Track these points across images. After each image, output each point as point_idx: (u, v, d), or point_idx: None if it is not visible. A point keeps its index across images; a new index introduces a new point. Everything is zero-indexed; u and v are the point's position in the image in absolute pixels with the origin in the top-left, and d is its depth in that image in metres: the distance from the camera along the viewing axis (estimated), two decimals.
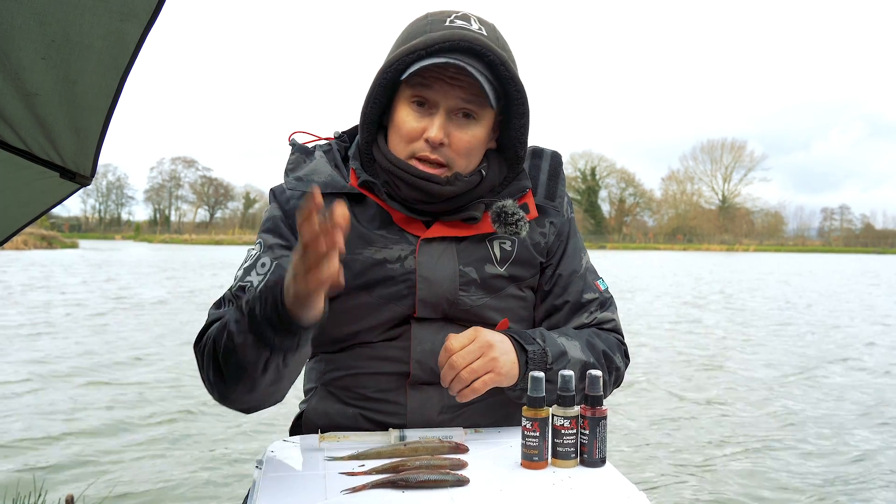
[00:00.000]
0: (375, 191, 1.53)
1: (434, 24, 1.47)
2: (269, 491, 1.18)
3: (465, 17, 1.49)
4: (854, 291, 22.99)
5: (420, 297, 1.50)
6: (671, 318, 14.49)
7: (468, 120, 1.49)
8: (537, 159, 1.67)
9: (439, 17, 1.49)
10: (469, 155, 1.51)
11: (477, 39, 1.43)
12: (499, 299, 1.53)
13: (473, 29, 1.46)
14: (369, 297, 1.50)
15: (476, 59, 1.44)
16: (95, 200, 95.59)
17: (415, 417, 1.50)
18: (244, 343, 1.24)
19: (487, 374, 1.37)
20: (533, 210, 1.59)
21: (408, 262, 1.50)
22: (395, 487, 1.18)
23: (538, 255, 1.60)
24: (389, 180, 1.51)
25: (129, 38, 1.64)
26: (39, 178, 2.21)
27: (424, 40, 1.43)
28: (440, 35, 1.43)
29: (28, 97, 1.84)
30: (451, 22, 1.47)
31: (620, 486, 1.21)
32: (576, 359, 1.49)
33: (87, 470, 4.92)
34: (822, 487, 4.80)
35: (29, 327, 11.64)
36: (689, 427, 6.31)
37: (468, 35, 1.43)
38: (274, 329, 1.21)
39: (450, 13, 1.50)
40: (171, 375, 8.00)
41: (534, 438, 1.28)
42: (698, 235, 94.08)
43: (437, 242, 1.53)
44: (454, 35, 1.43)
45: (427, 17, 1.52)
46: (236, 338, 1.25)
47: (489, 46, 1.44)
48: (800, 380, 8.51)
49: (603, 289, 1.67)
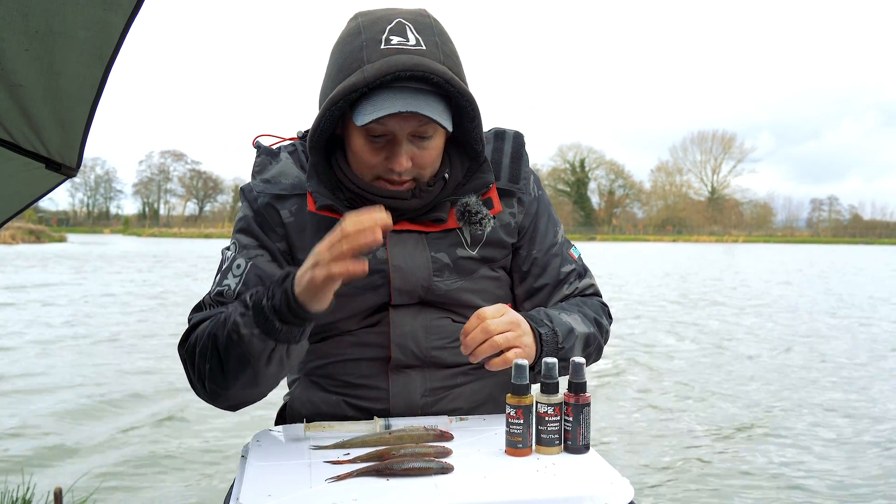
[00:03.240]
0: (336, 210, 1.50)
1: (369, 49, 1.39)
2: (254, 479, 1.19)
3: (401, 30, 1.41)
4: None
5: (395, 286, 1.51)
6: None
7: (425, 140, 1.46)
8: (500, 142, 1.66)
9: (372, 36, 1.40)
10: (433, 165, 1.51)
11: (417, 66, 1.36)
12: (473, 281, 1.56)
13: (410, 46, 1.39)
14: (346, 288, 1.48)
15: (421, 82, 1.39)
16: (84, 194, 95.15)
17: (398, 401, 1.52)
18: (250, 335, 1.29)
19: (516, 348, 1.38)
20: (497, 205, 1.59)
21: (379, 253, 1.52)
22: (380, 475, 1.18)
23: (508, 237, 1.61)
24: (354, 198, 1.51)
25: (113, 28, 1.64)
26: (25, 169, 2.20)
27: (363, 76, 1.36)
28: (378, 67, 1.36)
29: (12, 88, 1.84)
30: (386, 42, 1.39)
31: (604, 473, 1.22)
32: (581, 332, 1.53)
33: (76, 464, 4.91)
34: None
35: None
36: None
37: (407, 62, 1.36)
38: (282, 319, 1.28)
39: (382, 25, 1.42)
40: (160, 366, 7.99)
41: (518, 426, 1.29)
42: (688, 227, 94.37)
43: (407, 233, 1.54)
44: (393, 65, 1.35)
45: (360, 33, 1.42)
46: (242, 329, 1.30)
47: (430, 68, 1.37)
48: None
49: (577, 256, 1.71)
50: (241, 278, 1.50)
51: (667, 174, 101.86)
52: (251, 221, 1.57)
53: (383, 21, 1.43)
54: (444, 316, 1.56)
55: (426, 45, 1.41)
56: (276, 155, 1.62)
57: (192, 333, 1.44)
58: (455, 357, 1.56)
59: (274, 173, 1.59)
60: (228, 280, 1.51)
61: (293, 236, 1.55)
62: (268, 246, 1.55)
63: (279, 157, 1.62)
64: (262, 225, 1.56)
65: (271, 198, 1.56)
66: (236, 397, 1.42)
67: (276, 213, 1.56)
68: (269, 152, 1.63)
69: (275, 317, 1.28)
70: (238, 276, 1.51)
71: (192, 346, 1.42)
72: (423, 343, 1.53)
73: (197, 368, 1.40)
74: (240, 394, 1.40)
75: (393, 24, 1.42)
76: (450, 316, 1.57)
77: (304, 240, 1.54)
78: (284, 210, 1.55)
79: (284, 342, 1.31)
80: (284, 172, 1.59)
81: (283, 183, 1.57)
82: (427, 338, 1.54)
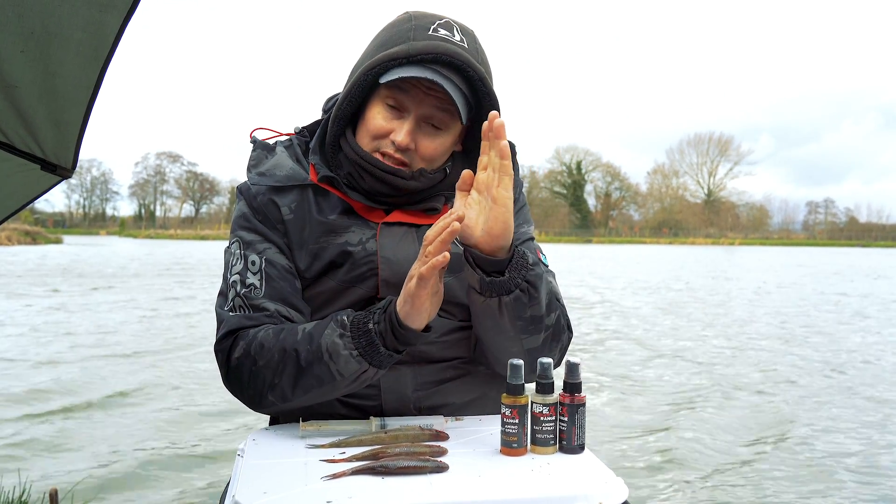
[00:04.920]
0: (335, 184, 1.57)
1: (417, 32, 1.48)
2: (250, 478, 1.19)
3: (448, 26, 1.51)
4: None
5: (382, 278, 1.52)
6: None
7: (436, 130, 1.53)
8: None
9: (422, 24, 1.50)
10: (433, 161, 1.56)
11: (458, 54, 1.46)
12: (461, 278, 1.55)
13: (455, 40, 1.48)
14: (332, 282, 1.54)
15: (455, 73, 1.48)
16: (80, 196, 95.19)
17: (389, 397, 1.52)
18: (349, 356, 1.37)
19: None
20: None
21: (369, 244, 1.53)
22: (376, 474, 1.19)
23: None
24: (354, 172, 1.55)
25: (108, 29, 1.64)
26: (20, 170, 2.20)
27: (407, 49, 1.45)
28: (423, 46, 1.45)
29: (7, 89, 1.84)
30: (434, 31, 1.49)
31: (598, 472, 1.23)
32: (544, 277, 1.50)
33: (72, 465, 4.90)
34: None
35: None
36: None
37: (450, 49, 1.46)
38: (385, 344, 1.37)
39: (433, 19, 1.51)
40: (158, 365, 7.98)
41: (513, 425, 1.29)
42: (684, 229, 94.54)
43: (398, 226, 1.57)
44: (437, 48, 1.45)
45: (411, 20, 1.52)
46: (342, 350, 1.37)
47: (469, 62, 1.47)
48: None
49: (545, 261, 1.68)
50: (261, 274, 1.53)
51: (663, 176, 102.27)
52: (250, 217, 1.59)
53: (434, 17, 1.52)
54: None
55: (469, 46, 1.51)
56: (272, 149, 1.65)
57: (239, 339, 1.47)
58: (444, 352, 1.56)
59: (269, 166, 1.61)
60: (251, 279, 1.53)
61: (292, 233, 1.56)
62: (272, 239, 1.57)
63: (275, 152, 1.64)
64: (264, 222, 1.58)
65: (269, 191, 1.58)
66: (286, 407, 1.47)
67: (276, 210, 1.57)
68: (265, 146, 1.65)
69: (380, 340, 1.36)
70: (257, 272, 1.53)
71: (247, 355, 1.45)
72: None
73: (255, 377, 1.44)
74: (292, 404, 1.45)
75: (443, 21, 1.51)
76: (438, 311, 1.57)
77: (302, 237, 1.55)
78: (284, 207, 1.57)
79: (377, 366, 1.38)
80: (279, 165, 1.61)
81: (278, 175, 1.59)
82: None
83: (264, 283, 1.52)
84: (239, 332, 1.49)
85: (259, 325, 1.48)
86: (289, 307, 1.52)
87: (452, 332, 1.57)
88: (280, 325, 1.48)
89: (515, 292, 1.40)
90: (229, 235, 1.63)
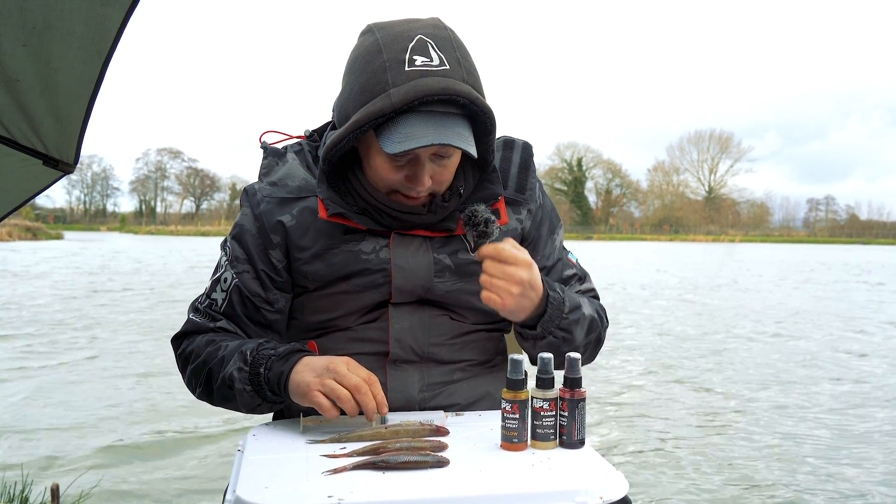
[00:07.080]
0: (346, 217, 1.52)
1: (393, 70, 1.36)
2: (251, 473, 1.19)
3: (423, 48, 1.38)
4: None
5: (396, 286, 1.53)
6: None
7: (445, 158, 1.47)
8: (508, 151, 1.68)
9: (395, 56, 1.37)
10: (450, 180, 1.53)
11: (445, 90, 1.35)
12: (473, 283, 1.54)
13: (435, 66, 1.37)
14: (347, 286, 1.54)
15: (445, 104, 1.38)
16: (80, 192, 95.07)
17: (395, 396, 1.52)
18: (243, 389, 1.45)
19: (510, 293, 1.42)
20: (504, 216, 1.59)
21: (382, 252, 1.53)
22: (376, 469, 1.19)
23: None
24: (368, 209, 1.52)
25: (110, 23, 1.64)
26: (22, 165, 2.20)
27: (391, 103, 1.35)
28: (405, 92, 1.34)
29: (9, 84, 1.84)
30: (410, 62, 1.36)
31: (599, 467, 1.23)
32: (587, 314, 1.56)
33: (73, 461, 4.91)
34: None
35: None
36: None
37: (434, 86, 1.34)
38: (272, 391, 1.43)
39: (404, 43, 1.38)
40: (155, 362, 7.99)
41: (513, 420, 1.29)
42: (684, 226, 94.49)
43: (411, 236, 1.56)
44: (419, 91, 1.34)
45: (381, 51, 1.39)
46: (237, 384, 1.45)
47: (457, 90, 1.36)
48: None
49: (575, 261, 1.73)
50: (227, 294, 1.58)
51: (664, 173, 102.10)
52: (247, 231, 1.58)
53: (404, 38, 1.39)
54: (443, 314, 1.58)
55: (449, 63, 1.39)
56: (283, 155, 1.63)
57: (188, 339, 1.60)
58: (453, 354, 1.57)
59: (280, 175, 1.60)
60: (216, 294, 1.60)
61: (293, 237, 1.55)
62: (254, 263, 1.57)
63: (285, 158, 1.62)
64: (260, 234, 1.57)
65: (276, 203, 1.57)
66: (220, 409, 1.58)
67: (277, 223, 1.56)
68: (276, 153, 1.64)
69: (267, 387, 1.43)
70: (225, 290, 1.59)
71: (186, 355, 1.58)
72: (422, 339, 1.55)
73: (188, 377, 1.57)
74: (223, 409, 1.58)
75: (414, 41, 1.39)
76: (448, 314, 1.58)
77: (304, 240, 1.55)
78: (286, 215, 1.56)
79: (271, 403, 1.47)
80: (291, 174, 1.60)
81: (290, 185, 1.58)
82: (425, 334, 1.55)
83: (225, 304, 1.59)
84: (191, 333, 1.60)
85: (205, 333, 1.58)
86: (237, 327, 1.60)
87: (462, 336, 1.59)
88: (213, 337, 1.56)
89: (548, 338, 1.51)
90: (230, 229, 1.64)
